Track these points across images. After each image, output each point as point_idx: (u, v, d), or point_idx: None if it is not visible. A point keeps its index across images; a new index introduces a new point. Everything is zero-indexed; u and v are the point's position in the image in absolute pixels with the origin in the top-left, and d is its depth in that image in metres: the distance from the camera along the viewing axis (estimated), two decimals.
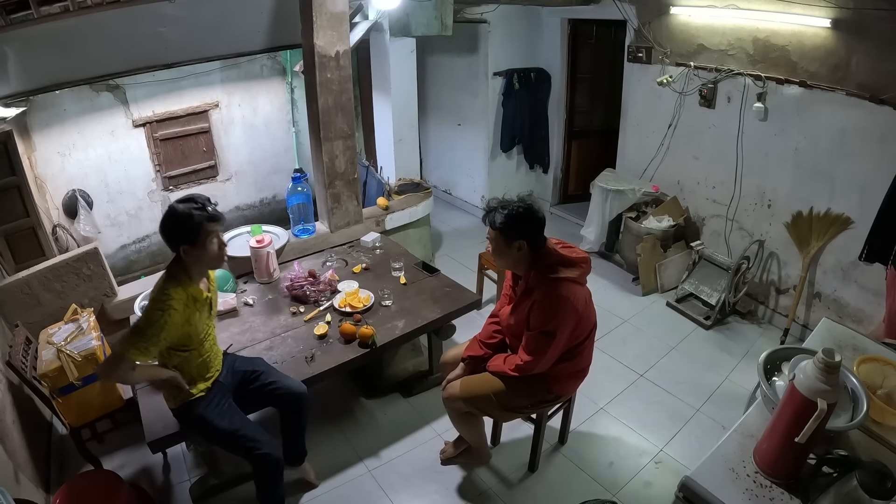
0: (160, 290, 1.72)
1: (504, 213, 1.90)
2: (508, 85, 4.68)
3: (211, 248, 1.74)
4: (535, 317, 1.94)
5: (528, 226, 1.91)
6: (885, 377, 1.70)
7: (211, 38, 3.15)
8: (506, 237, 1.92)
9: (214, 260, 1.78)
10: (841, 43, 2.85)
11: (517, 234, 1.91)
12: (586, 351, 2.12)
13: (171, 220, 1.70)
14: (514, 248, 1.92)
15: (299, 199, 3.17)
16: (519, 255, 1.94)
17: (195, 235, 1.69)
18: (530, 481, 2.42)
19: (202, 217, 1.70)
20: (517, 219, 1.89)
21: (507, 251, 1.94)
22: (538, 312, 1.92)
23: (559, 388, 2.16)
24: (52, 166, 3.94)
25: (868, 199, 2.85)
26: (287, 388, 2.11)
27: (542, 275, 1.93)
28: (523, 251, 1.93)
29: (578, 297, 1.93)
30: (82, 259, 2.59)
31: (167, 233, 1.71)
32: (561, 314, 1.90)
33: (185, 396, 1.90)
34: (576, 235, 4.48)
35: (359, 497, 2.35)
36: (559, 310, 1.89)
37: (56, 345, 2.22)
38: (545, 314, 1.91)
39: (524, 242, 1.91)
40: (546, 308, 1.90)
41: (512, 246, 1.92)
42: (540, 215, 1.93)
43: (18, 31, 2.43)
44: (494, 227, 1.93)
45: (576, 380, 2.21)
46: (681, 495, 1.47)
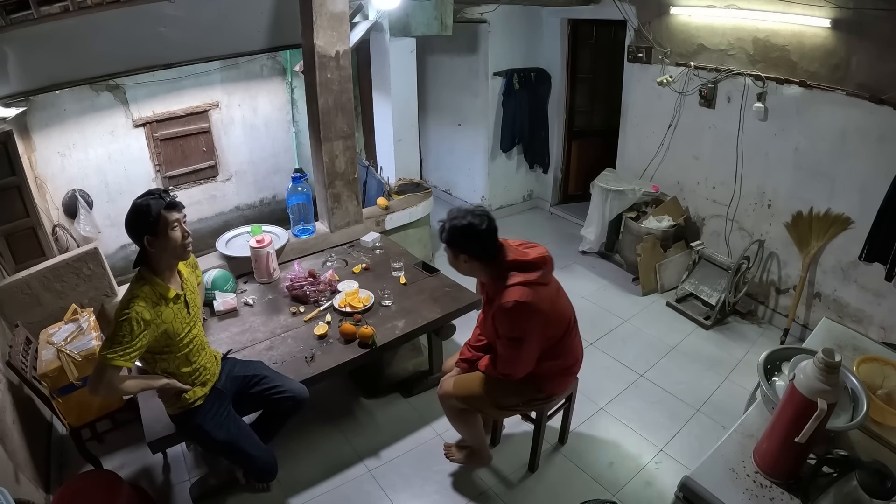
0: (126, 292, 1.73)
1: (445, 229, 1.90)
2: (508, 85, 4.68)
3: (174, 237, 1.74)
4: (499, 325, 1.93)
5: (468, 241, 1.89)
6: (885, 377, 1.70)
7: (211, 38, 3.15)
8: (452, 250, 1.94)
9: (179, 249, 1.77)
10: (841, 43, 2.85)
11: (459, 248, 1.91)
12: (571, 347, 2.10)
13: (132, 214, 1.71)
14: (462, 261, 1.94)
15: (299, 199, 3.17)
16: (470, 266, 1.95)
17: (155, 225, 1.70)
18: (530, 481, 2.42)
19: (160, 205, 1.71)
20: (456, 234, 1.89)
21: (457, 263, 1.96)
22: (500, 321, 1.91)
23: (549, 386, 2.15)
24: (52, 166, 3.95)
25: (868, 199, 2.85)
26: (290, 391, 2.11)
27: (498, 283, 1.92)
28: (470, 263, 1.93)
29: (540, 298, 1.88)
30: (82, 259, 2.59)
31: (130, 226, 1.71)
32: (522, 319, 1.87)
33: (183, 403, 1.90)
34: (576, 235, 4.48)
35: (359, 497, 2.35)
36: (519, 316, 1.86)
37: (56, 345, 2.22)
38: (506, 322, 1.89)
39: (467, 256, 1.91)
40: (505, 316, 1.88)
41: (459, 258, 1.94)
42: (483, 227, 1.87)
43: (18, 31, 2.43)
44: (443, 240, 1.94)
45: (566, 377, 2.20)
46: (681, 495, 1.47)
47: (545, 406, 2.25)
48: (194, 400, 1.91)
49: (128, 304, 1.67)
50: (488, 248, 1.92)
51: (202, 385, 1.95)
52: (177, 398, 1.89)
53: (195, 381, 1.92)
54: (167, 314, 1.77)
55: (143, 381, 1.82)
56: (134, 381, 1.79)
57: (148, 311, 1.69)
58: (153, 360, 1.84)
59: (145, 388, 1.83)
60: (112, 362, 1.63)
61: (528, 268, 1.91)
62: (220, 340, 2.42)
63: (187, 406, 1.90)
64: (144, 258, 1.76)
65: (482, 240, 1.89)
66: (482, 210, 1.92)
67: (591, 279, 4.14)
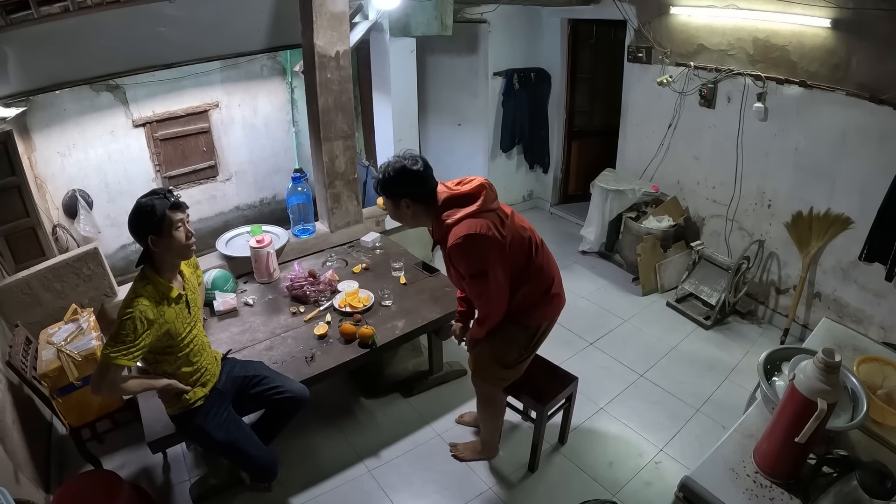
0: (129, 291, 1.73)
1: (379, 178, 1.89)
2: (508, 85, 4.68)
3: (178, 237, 1.75)
4: (458, 265, 1.91)
5: (404, 184, 1.87)
6: (885, 377, 1.70)
7: (211, 38, 3.15)
8: (391, 199, 1.91)
9: (183, 248, 1.78)
10: (841, 43, 2.85)
11: (398, 194, 1.89)
12: (542, 267, 2.03)
13: (136, 214, 1.71)
14: (404, 207, 1.91)
15: (299, 199, 3.17)
16: (413, 213, 1.92)
17: (160, 225, 1.70)
18: (530, 481, 2.42)
19: (165, 205, 1.71)
20: (391, 181, 1.87)
21: (399, 212, 1.94)
22: (457, 261, 1.89)
23: (537, 316, 2.08)
24: (52, 166, 3.94)
25: (868, 199, 2.85)
26: (290, 391, 2.11)
27: (441, 223, 1.89)
28: (412, 208, 1.91)
29: (486, 226, 1.83)
30: (82, 259, 2.59)
31: (134, 226, 1.72)
32: (476, 251, 1.83)
33: (184, 404, 1.90)
34: (576, 235, 4.48)
35: (359, 497, 2.35)
36: (471, 249, 1.83)
37: (56, 345, 2.22)
38: (463, 260, 1.87)
39: (408, 200, 1.89)
40: (459, 254, 1.85)
41: (400, 206, 1.91)
42: (417, 168, 1.85)
43: (18, 31, 2.43)
44: (379, 191, 1.92)
45: (549, 302, 2.09)
46: (681, 495, 1.47)
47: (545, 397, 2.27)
48: (195, 400, 1.91)
49: (131, 303, 1.67)
50: (426, 189, 1.89)
51: (202, 386, 1.95)
52: (177, 399, 1.89)
53: (196, 381, 1.92)
54: (170, 314, 1.77)
55: (144, 381, 1.82)
56: (136, 381, 1.79)
57: (151, 309, 1.69)
58: (154, 360, 1.84)
59: (147, 388, 1.83)
60: (115, 361, 1.63)
61: (466, 201, 1.87)
62: (220, 340, 2.42)
63: (188, 407, 1.90)
64: (147, 257, 1.77)
65: (418, 180, 1.87)
66: (412, 153, 1.91)
67: (591, 279, 4.14)
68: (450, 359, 3.06)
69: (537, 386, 2.32)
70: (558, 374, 2.42)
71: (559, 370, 2.45)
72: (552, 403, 2.31)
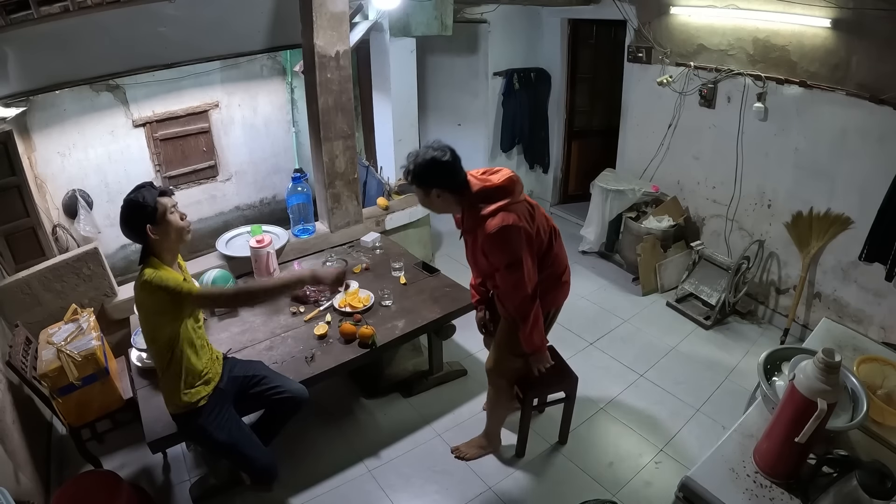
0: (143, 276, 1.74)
1: (412, 168, 1.91)
2: (508, 85, 4.68)
3: (174, 220, 1.80)
4: (491, 256, 1.95)
5: (434, 175, 1.90)
6: (885, 377, 1.70)
7: (211, 38, 3.15)
8: (422, 189, 1.94)
9: (180, 231, 1.83)
10: (841, 43, 2.85)
11: (428, 184, 1.92)
12: (558, 255, 2.15)
13: (128, 209, 1.75)
14: (434, 196, 1.94)
15: (299, 199, 3.17)
16: (444, 201, 1.96)
17: (154, 213, 1.75)
18: (530, 481, 2.42)
19: (153, 194, 1.76)
20: (422, 172, 1.90)
21: (430, 201, 1.97)
22: (491, 251, 1.93)
23: (549, 300, 2.17)
24: (52, 166, 3.94)
25: (868, 199, 2.85)
26: (290, 392, 2.11)
27: (474, 213, 1.93)
28: (442, 197, 1.94)
29: (518, 217, 1.90)
30: (82, 259, 2.59)
31: (129, 222, 1.75)
32: (512, 242, 1.89)
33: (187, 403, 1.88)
34: (576, 235, 4.48)
35: (359, 497, 2.35)
36: (506, 240, 1.88)
37: (56, 345, 2.22)
38: (497, 250, 1.91)
39: (439, 189, 1.93)
40: (494, 245, 1.91)
41: (431, 195, 1.94)
42: (447, 159, 1.89)
43: (18, 31, 2.43)
44: (410, 181, 1.94)
45: (559, 290, 2.22)
46: (681, 495, 1.47)
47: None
48: (198, 399, 1.91)
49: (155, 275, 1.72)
50: (456, 179, 1.93)
51: (206, 384, 1.95)
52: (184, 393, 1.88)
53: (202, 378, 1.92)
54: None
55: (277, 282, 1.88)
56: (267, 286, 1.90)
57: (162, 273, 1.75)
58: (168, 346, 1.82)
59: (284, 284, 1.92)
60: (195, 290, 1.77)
61: (499, 193, 1.93)
62: (220, 340, 2.42)
63: (191, 406, 1.90)
64: (148, 252, 1.79)
65: (448, 171, 1.91)
66: (441, 143, 1.93)
67: (591, 279, 4.14)
68: (450, 359, 3.07)
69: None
70: (562, 370, 2.44)
71: (565, 367, 2.46)
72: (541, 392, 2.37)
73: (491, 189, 1.93)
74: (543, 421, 2.73)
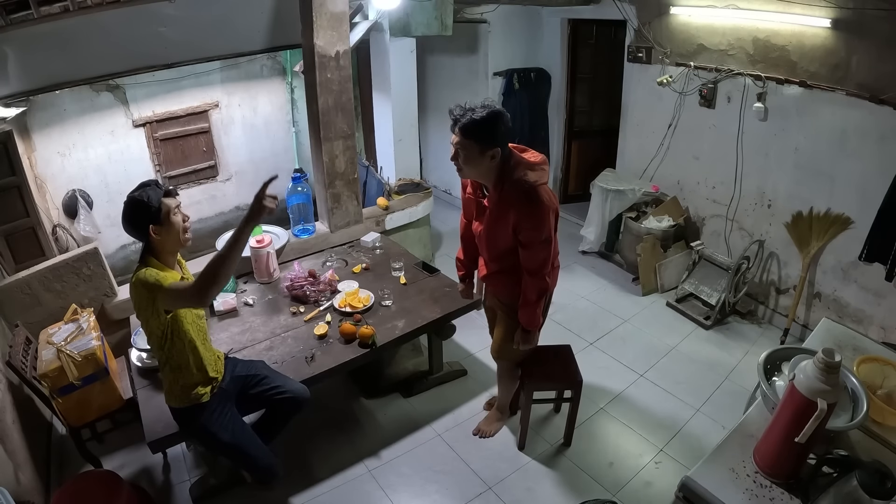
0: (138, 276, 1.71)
1: (477, 119, 1.78)
2: (508, 85, 4.68)
3: (176, 222, 1.79)
4: (527, 231, 1.91)
5: (502, 131, 1.82)
6: (885, 377, 1.70)
7: (211, 38, 3.15)
8: (480, 145, 1.82)
9: (181, 233, 1.82)
10: (841, 43, 2.85)
11: (492, 141, 1.82)
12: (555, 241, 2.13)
13: (132, 207, 1.73)
14: (488, 157, 1.84)
15: (299, 199, 3.17)
16: (491, 164, 1.87)
17: (158, 213, 1.74)
18: (530, 481, 2.42)
19: (159, 194, 1.76)
20: (491, 125, 1.80)
21: (481, 160, 1.85)
22: (530, 226, 1.90)
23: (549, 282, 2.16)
24: (52, 166, 3.94)
25: (868, 199, 2.85)
26: (291, 391, 2.11)
27: (516, 184, 1.87)
28: (496, 159, 1.86)
29: (551, 195, 1.95)
30: (82, 259, 2.59)
31: (132, 220, 1.74)
32: (547, 218, 1.91)
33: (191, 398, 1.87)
34: (576, 235, 4.48)
35: (359, 497, 2.35)
36: (545, 215, 1.90)
37: (56, 345, 2.22)
38: (537, 226, 1.90)
39: (498, 150, 1.84)
40: (535, 219, 1.89)
41: (486, 154, 1.84)
42: (508, 120, 1.85)
43: (18, 31, 2.43)
44: (468, 135, 1.81)
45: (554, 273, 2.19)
46: (681, 495, 1.47)
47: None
48: (202, 395, 1.91)
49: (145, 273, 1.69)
50: (509, 140, 1.91)
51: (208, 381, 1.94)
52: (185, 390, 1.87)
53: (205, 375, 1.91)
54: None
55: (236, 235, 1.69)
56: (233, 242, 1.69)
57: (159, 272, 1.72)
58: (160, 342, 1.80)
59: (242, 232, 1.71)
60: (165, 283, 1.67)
61: (538, 170, 1.93)
62: (220, 340, 2.42)
63: (194, 401, 1.90)
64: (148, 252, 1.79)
65: (509, 131, 1.86)
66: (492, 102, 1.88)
67: (591, 279, 4.14)
68: (450, 359, 3.07)
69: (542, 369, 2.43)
70: (568, 370, 2.46)
71: (572, 368, 2.47)
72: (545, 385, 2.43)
73: (532, 164, 1.91)
74: (544, 421, 2.73)
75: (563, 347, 2.57)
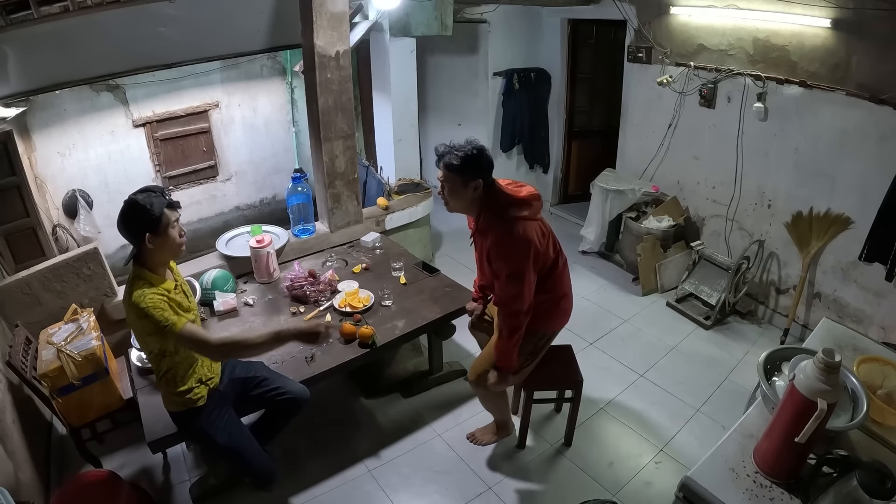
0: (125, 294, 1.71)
1: (460, 155, 1.94)
2: (508, 85, 4.68)
3: (173, 235, 1.76)
4: (495, 261, 1.99)
5: (483, 167, 1.97)
6: (885, 377, 1.70)
7: (211, 38, 3.15)
8: (463, 178, 1.97)
9: (176, 247, 1.80)
10: (841, 43, 2.85)
11: (473, 174, 1.96)
12: (561, 280, 2.20)
13: (132, 211, 1.70)
14: (471, 189, 1.98)
15: (299, 199, 3.17)
16: (474, 196, 2.00)
17: (158, 223, 1.70)
18: (530, 481, 2.42)
19: (162, 203, 1.72)
20: (474, 159, 1.95)
21: (464, 192, 1.99)
22: (496, 256, 1.98)
23: (546, 324, 2.23)
24: (52, 166, 3.94)
25: (868, 199, 2.85)
26: (291, 392, 2.10)
27: (493, 216, 1.99)
28: (479, 191, 1.99)
29: (531, 231, 1.97)
30: (82, 259, 2.59)
31: (130, 224, 1.70)
32: (518, 252, 1.94)
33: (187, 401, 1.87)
34: (576, 235, 4.48)
35: (359, 497, 2.35)
36: (515, 248, 1.94)
37: (56, 345, 2.22)
38: (504, 257, 1.96)
39: (480, 182, 1.97)
40: (502, 250, 1.96)
41: (468, 186, 1.97)
42: (489, 156, 2.00)
43: (18, 31, 2.43)
44: (452, 169, 1.96)
45: (560, 313, 2.27)
46: (681, 495, 1.47)
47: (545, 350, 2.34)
48: (197, 398, 1.90)
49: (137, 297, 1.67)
50: (491, 174, 2.02)
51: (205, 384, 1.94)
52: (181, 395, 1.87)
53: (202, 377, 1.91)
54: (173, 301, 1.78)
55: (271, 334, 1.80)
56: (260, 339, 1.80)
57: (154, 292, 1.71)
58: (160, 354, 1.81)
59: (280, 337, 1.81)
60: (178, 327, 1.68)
61: (519, 205, 1.99)
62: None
63: (191, 404, 1.90)
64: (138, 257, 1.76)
65: (491, 167, 2.00)
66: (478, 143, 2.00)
67: (591, 279, 4.14)
68: (450, 359, 3.06)
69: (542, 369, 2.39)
70: (569, 370, 2.46)
71: (572, 367, 2.47)
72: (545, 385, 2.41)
73: (514, 199, 2.00)
74: (544, 421, 2.73)
75: (564, 347, 2.57)
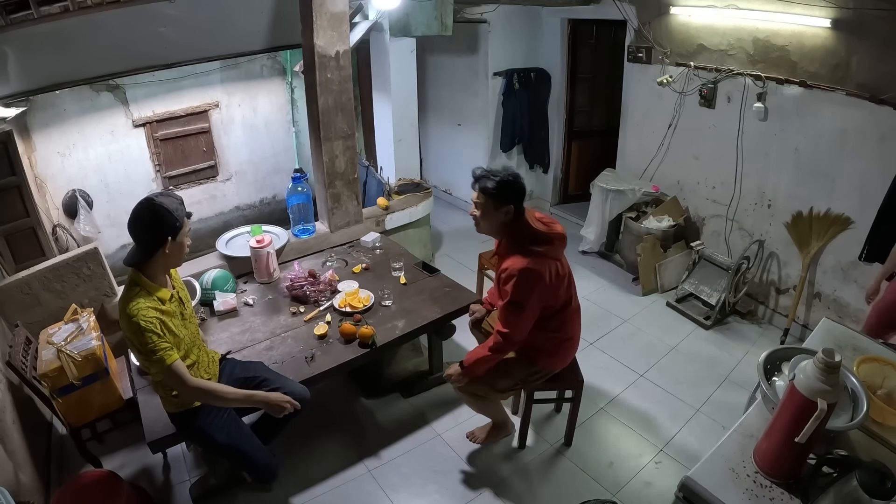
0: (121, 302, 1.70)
1: (496, 180, 2.02)
2: (508, 85, 4.68)
3: (186, 243, 1.81)
4: (503, 284, 2.05)
5: (517, 193, 2.05)
6: (885, 377, 1.70)
7: (211, 38, 3.15)
8: (495, 202, 2.04)
9: (183, 255, 1.84)
10: (841, 43, 2.85)
11: (506, 199, 2.03)
12: (568, 322, 2.24)
13: (158, 215, 1.68)
14: (502, 213, 2.05)
15: (299, 199, 3.17)
16: (504, 220, 2.07)
17: (179, 229, 1.73)
18: (530, 481, 2.42)
19: (184, 211, 1.77)
20: (507, 185, 2.02)
21: (495, 215, 2.06)
22: (505, 280, 2.03)
23: (546, 361, 2.28)
24: (52, 166, 3.94)
25: (868, 199, 2.85)
26: (291, 392, 2.10)
27: (514, 244, 2.07)
28: (509, 216, 2.06)
29: (546, 268, 2.01)
30: (82, 259, 2.59)
31: (154, 227, 1.68)
32: (526, 285, 1.99)
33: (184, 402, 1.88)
34: (576, 235, 4.48)
35: (359, 497, 2.35)
36: (524, 281, 1.99)
37: (56, 345, 2.22)
38: (512, 285, 2.00)
39: (512, 207, 2.04)
40: (512, 279, 2.00)
41: (500, 210, 2.05)
42: (522, 183, 2.07)
43: (18, 31, 2.43)
44: (486, 192, 2.04)
45: (562, 355, 2.30)
46: (681, 495, 1.47)
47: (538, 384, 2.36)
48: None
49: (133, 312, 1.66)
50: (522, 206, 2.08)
51: None
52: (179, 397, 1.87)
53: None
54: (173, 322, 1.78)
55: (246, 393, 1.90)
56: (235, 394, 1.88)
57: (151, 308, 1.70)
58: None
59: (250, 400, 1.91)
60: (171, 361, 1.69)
61: (542, 240, 2.05)
62: (220, 340, 2.42)
63: (187, 406, 1.90)
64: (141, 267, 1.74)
65: (524, 194, 2.07)
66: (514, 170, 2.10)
67: (591, 279, 4.14)
68: (450, 359, 3.06)
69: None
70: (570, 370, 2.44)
71: (573, 367, 2.46)
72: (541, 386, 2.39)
73: (536, 233, 2.06)
74: (545, 421, 2.73)
75: None
